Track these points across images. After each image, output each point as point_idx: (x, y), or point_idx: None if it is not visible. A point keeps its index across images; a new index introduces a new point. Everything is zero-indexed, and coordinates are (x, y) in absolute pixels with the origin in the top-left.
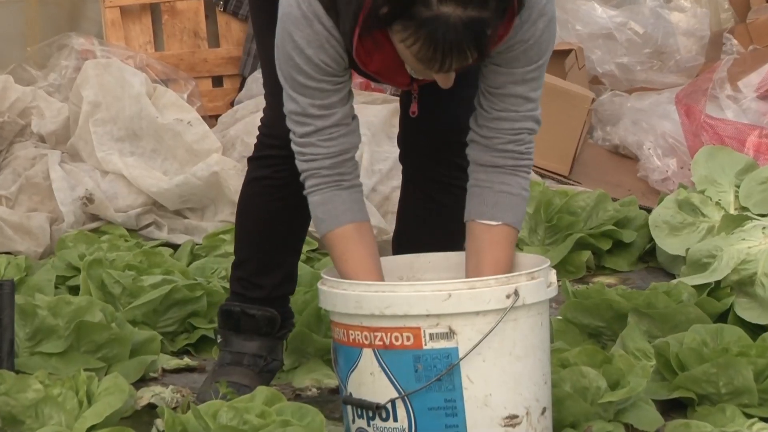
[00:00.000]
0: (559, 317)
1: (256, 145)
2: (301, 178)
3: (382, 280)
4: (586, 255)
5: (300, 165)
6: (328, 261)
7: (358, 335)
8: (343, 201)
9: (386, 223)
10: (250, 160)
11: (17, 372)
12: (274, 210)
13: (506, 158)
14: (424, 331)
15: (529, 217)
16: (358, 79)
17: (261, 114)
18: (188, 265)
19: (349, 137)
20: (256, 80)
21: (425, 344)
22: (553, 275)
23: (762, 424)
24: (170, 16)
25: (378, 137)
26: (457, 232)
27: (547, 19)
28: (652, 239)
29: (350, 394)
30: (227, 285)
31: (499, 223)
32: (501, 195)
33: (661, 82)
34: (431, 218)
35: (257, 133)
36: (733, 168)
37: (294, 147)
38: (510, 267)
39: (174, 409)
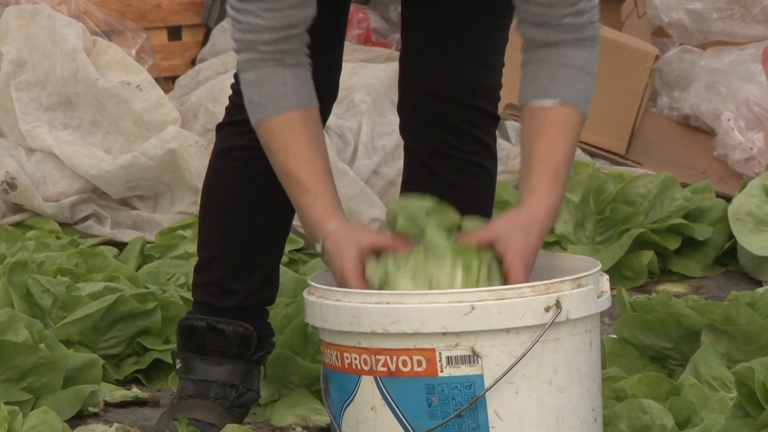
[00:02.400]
0: (614, 336)
1: (227, 108)
2: (234, 49)
3: (333, 187)
4: (648, 256)
5: (234, 35)
6: (317, 264)
7: (355, 359)
8: (286, 81)
9: None
10: (219, 127)
11: None
12: (250, 191)
13: (564, 32)
14: (440, 353)
15: (574, 208)
16: (355, 31)
17: (230, 74)
18: (137, 270)
19: (299, 9)
20: (223, 32)
21: (441, 370)
22: (605, 282)
23: None
24: None
25: (380, 105)
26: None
27: None
28: (732, 236)
29: None
30: (188, 294)
31: (556, 101)
32: (558, 69)
33: (744, 34)
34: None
35: (226, 98)
36: None
37: (230, 13)
38: (568, 161)
39: None
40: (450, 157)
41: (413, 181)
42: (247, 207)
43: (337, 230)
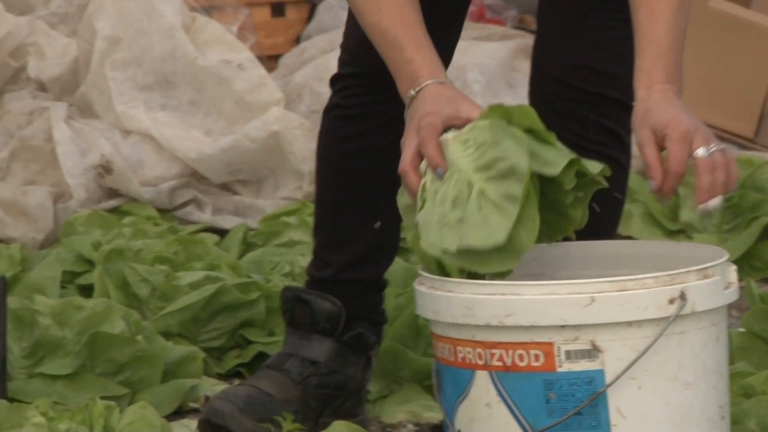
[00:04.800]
0: (742, 330)
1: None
2: None
3: (431, 44)
4: None
5: None
6: None
7: (469, 353)
8: None
9: None
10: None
11: (11, 400)
12: (341, 154)
13: None
14: (559, 347)
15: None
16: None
17: (337, 52)
18: (239, 258)
19: None
20: (329, 8)
21: (560, 365)
22: (733, 273)
23: None
24: None
25: (495, 85)
26: (606, 217)
27: None
28: None
29: None
30: (293, 284)
31: None
32: None
33: None
34: None
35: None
36: None
37: None
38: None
39: None
40: (573, 145)
41: None
42: (338, 170)
43: (430, 89)
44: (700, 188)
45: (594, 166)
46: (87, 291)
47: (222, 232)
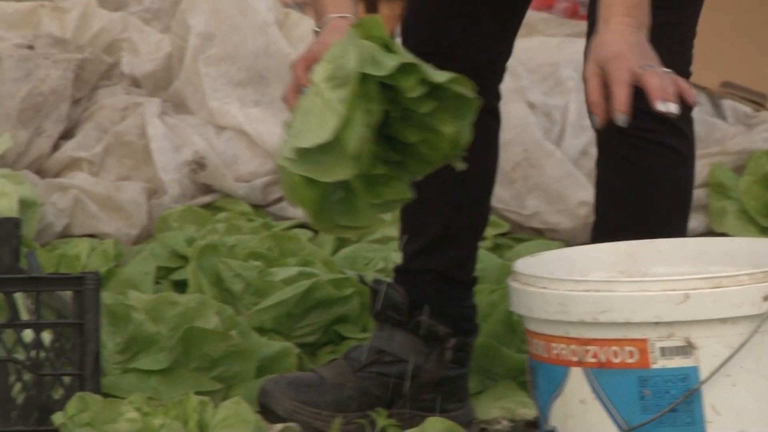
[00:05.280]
0: None
1: None
2: None
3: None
4: None
5: None
6: (522, 249)
7: (563, 350)
8: None
9: None
10: None
11: (105, 395)
12: None
13: None
14: (653, 344)
15: None
16: (561, 4)
17: None
18: (333, 254)
19: None
20: None
21: (654, 362)
22: None
23: None
24: None
25: None
26: (666, 207)
27: None
28: None
29: (554, 429)
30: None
31: None
32: None
33: None
34: (625, 188)
35: None
36: None
37: None
38: None
39: None
40: (625, 135)
41: (600, 161)
42: None
43: (332, 23)
44: (651, 89)
45: (439, 75)
46: (181, 287)
47: (315, 229)
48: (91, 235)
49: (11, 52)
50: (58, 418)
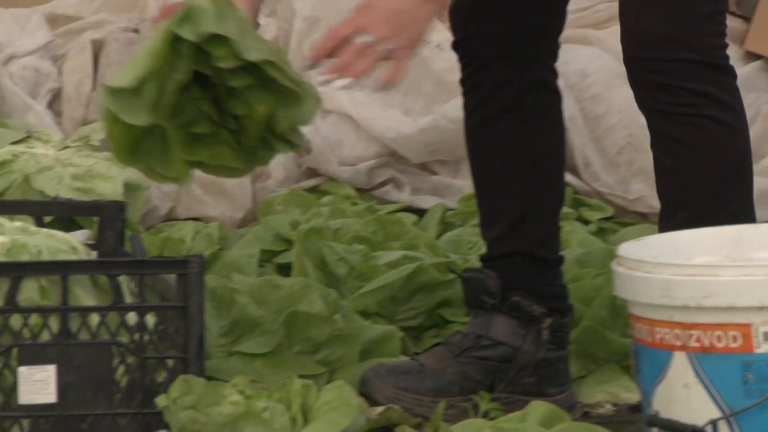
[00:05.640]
0: None
1: None
2: None
3: None
4: None
5: None
6: (627, 233)
7: (666, 334)
8: None
9: None
10: None
11: (208, 378)
12: (469, 128)
13: None
14: (757, 329)
15: None
16: None
17: None
18: (437, 238)
19: None
20: None
21: (758, 347)
22: None
23: None
24: None
25: None
26: (721, 180)
27: None
28: None
29: (657, 412)
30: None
31: None
32: None
33: None
34: (675, 166)
35: None
36: None
37: None
38: None
39: (417, 427)
40: (667, 114)
41: (652, 143)
42: (474, 148)
43: None
44: (332, 65)
45: (253, 53)
46: (285, 270)
47: (420, 212)
48: (196, 219)
49: (117, 35)
50: (161, 400)
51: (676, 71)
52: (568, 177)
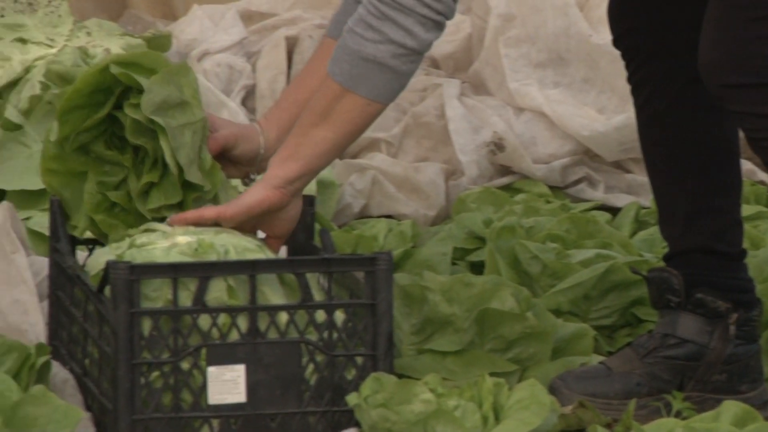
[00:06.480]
0: None
1: None
2: None
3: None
4: None
5: None
6: None
7: None
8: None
9: None
10: None
11: (399, 376)
12: (640, 125)
13: None
14: None
15: None
16: None
17: None
18: (631, 236)
19: None
20: None
21: None
22: None
23: None
24: None
25: None
26: None
27: None
28: None
29: None
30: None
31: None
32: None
33: None
34: None
35: None
36: None
37: None
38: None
39: (608, 427)
40: (752, 140)
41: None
42: (646, 146)
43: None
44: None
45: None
46: (478, 268)
47: (614, 210)
48: (389, 216)
49: (310, 32)
50: (352, 398)
51: (727, 101)
52: (762, 175)
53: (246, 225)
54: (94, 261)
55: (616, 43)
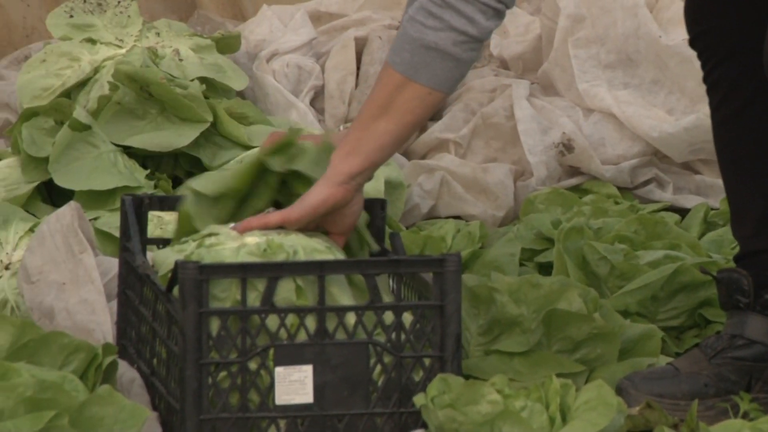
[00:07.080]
0: None
1: None
2: None
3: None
4: None
5: None
6: None
7: None
8: None
9: None
10: None
11: (466, 377)
12: (715, 126)
13: None
14: None
15: None
16: None
17: None
18: (700, 237)
19: None
20: None
21: None
22: None
23: None
24: None
25: None
26: None
27: None
28: None
29: None
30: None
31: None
32: None
33: None
34: None
35: None
36: None
37: None
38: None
39: (675, 427)
40: None
41: None
42: (721, 147)
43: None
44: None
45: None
46: (546, 269)
47: (683, 212)
48: (457, 217)
49: (380, 32)
50: (419, 399)
51: None
52: None
53: (309, 224)
54: (162, 260)
55: (693, 43)
